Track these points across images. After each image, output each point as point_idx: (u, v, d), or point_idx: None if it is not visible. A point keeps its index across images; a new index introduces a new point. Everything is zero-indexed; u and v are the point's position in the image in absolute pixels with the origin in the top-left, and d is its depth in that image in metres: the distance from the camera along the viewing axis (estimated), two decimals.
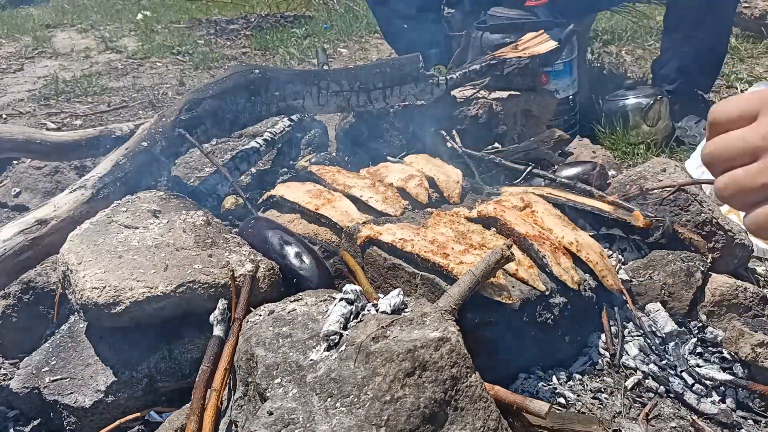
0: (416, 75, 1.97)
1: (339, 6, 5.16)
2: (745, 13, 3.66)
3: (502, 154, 1.99)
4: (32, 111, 3.30)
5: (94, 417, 1.24)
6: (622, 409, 1.31)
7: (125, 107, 3.28)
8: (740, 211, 0.54)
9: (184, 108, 1.73)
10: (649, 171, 1.81)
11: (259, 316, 1.18)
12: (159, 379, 1.28)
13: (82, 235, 1.36)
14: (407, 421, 0.96)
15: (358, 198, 1.69)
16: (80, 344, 1.33)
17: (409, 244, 1.39)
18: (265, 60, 4.14)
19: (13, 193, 2.17)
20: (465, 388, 1.02)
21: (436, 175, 1.84)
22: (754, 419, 1.32)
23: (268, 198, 1.75)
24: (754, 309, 1.48)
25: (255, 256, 1.36)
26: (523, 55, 2.15)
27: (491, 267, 1.23)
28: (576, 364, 1.42)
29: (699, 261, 1.54)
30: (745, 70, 3.30)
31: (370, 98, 1.95)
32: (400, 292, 1.15)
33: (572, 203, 1.68)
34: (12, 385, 1.31)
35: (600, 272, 1.48)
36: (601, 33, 4.01)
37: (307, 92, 1.88)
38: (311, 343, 1.08)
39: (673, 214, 1.68)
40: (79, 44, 4.69)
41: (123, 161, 1.61)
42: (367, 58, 4.05)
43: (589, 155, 2.07)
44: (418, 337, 1.03)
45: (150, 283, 1.23)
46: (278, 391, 1.01)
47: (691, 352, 1.42)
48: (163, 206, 1.48)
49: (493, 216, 1.54)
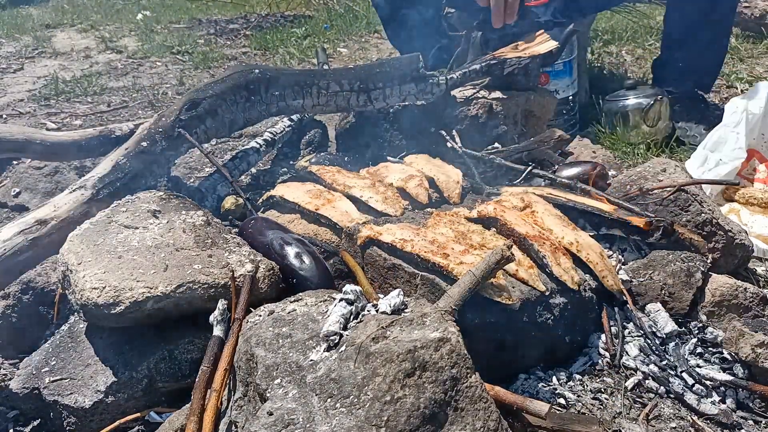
0: (416, 75, 1.97)
1: (339, 6, 5.16)
2: (745, 13, 3.66)
3: (502, 154, 1.99)
4: (32, 111, 3.30)
5: (94, 417, 1.24)
6: (622, 409, 1.31)
7: (125, 107, 3.28)
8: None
9: (184, 108, 1.73)
10: (649, 171, 1.80)
11: (259, 317, 1.18)
12: (159, 380, 1.28)
13: (82, 235, 1.36)
14: (407, 422, 0.96)
15: (358, 198, 1.69)
16: (80, 344, 1.33)
17: (409, 244, 1.39)
18: (265, 60, 4.14)
19: (13, 193, 2.17)
20: (465, 389, 1.02)
21: (436, 175, 1.84)
22: (754, 419, 1.32)
23: (268, 198, 1.75)
24: (754, 309, 1.48)
25: (255, 257, 1.36)
26: (523, 55, 2.15)
27: (491, 268, 1.23)
28: (576, 364, 1.42)
29: (699, 261, 1.54)
30: (745, 70, 3.30)
31: (370, 98, 1.95)
32: (400, 293, 1.15)
33: (572, 203, 1.68)
34: (12, 385, 1.31)
35: (600, 272, 1.48)
36: (601, 33, 4.01)
37: (307, 92, 1.88)
38: (311, 343, 1.08)
39: (673, 214, 1.68)
40: (79, 44, 4.69)
41: (123, 161, 1.61)
42: (367, 57, 4.05)
43: (589, 155, 2.07)
44: (418, 338, 1.03)
45: (150, 283, 1.23)
46: (278, 391, 1.01)
47: (691, 352, 1.42)
48: (163, 206, 1.48)
49: (493, 216, 1.54)
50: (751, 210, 1.99)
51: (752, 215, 1.98)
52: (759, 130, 2.18)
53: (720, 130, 2.11)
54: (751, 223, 1.95)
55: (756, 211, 1.99)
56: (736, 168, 2.04)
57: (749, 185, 2.11)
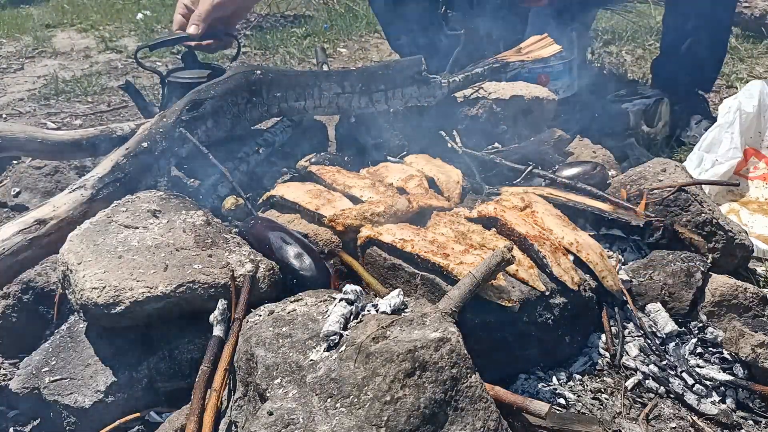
0: (419, 77, 1.97)
1: (339, 6, 5.16)
2: (745, 13, 3.66)
3: (502, 154, 1.99)
4: (32, 111, 3.30)
5: (93, 417, 1.24)
6: (622, 409, 1.31)
7: (125, 107, 3.27)
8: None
9: (185, 108, 1.73)
10: (649, 171, 1.80)
11: (259, 317, 1.18)
12: (159, 379, 1.28)
13: (82, 235, 1.36)
14: (407, 422, 0.96)
15: (358, 198, 1.69)
16: (80, 344, 1.33)
17: (409, 244, 1.39)
18: (265, 59, 4.14)
19: (13, 193, 2.17)
20: (465, 389, 1.02)
21: (436, 175, 1.84)
22: (754, 419, 1.32)
23: (268, 198, 1.75)
24: (754, 309, 1.48)
25: (255, 256, 1.36)
26: (526, 59, 2.14)
27: (492, 269, 1.23)
28: (576, 364, 1.42)
29: (699, 261, 1.54)
30: (745, 70, 3.30)
31: (372, 100, 1.95)
32: (400, 293, 1.15)
33: (572, 203, 1.68)
34: (12, 385, 1.31)
35: (600, 273, 1.48)
36: (601, 33, 4.01)
37: (308, 93, 1.88)
38: (311, 343, 1.08)
39: (673, 214, 1.68)
40: (79, 44, 4.69)
41: (123, 161, 1.61)
42: (367, 57, 4.05)
43: (589, 155, 2.07)
44: (418, 338, 1.03)
45: (150, 283, 1.23)
46: (278, 391, 1.01)
47: (691, 352, 1.42)
48: (163, 206, 1.48)
49: (493, 216, 1.54)
50: (751, 210, 2.00)
51: (752, 215, 1.98)
52: (755, 129, 2.18)
53: (714, 131, 2.12)
54: (751, 223, 1.95)
55: (756, 211, 1.99)
56: (732, 167, 2.04)
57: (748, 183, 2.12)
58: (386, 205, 1.57)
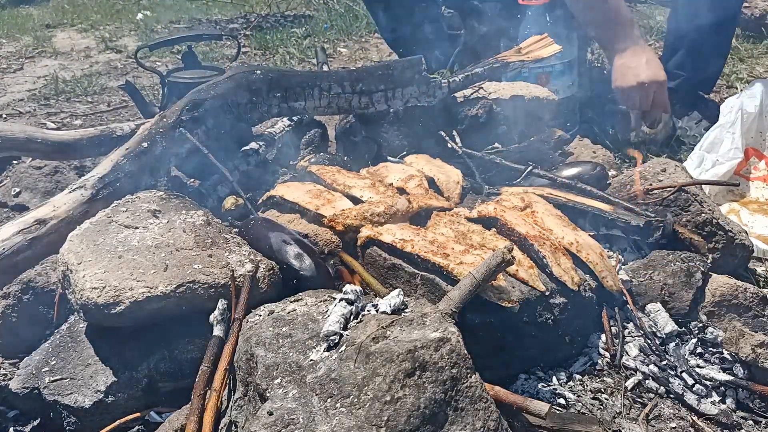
0: (419, 78, 1.97)
1: (339, 6, 5.16)
2: (745, 13, 3.65)
3: (502, 154, 1.99)
4: (32, 111, 3.29)
5: (94, 417, 1.24)
6: (622, 409, 1.31)
7: (125, 107, 3.27)
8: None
9: (186, 108, 1.73)
10: (649, 171, 1.80)
11: (258, 317, 1.18)
12: (159, 379, 1.28)
13: (82, 235, 1.36)
14: (407, 422, 0.96)
15: (358, 198, 1.69)
16: (80, 344, 1.33)
17: (409, 244, 1.39)
18: (265, 59, 4.14)
19: (13, 193, 2.17)
20: (465, 389, 1.02)
21: (436, 175, 1.84)
22: (754, 419, 1.32)
23: (268, 198, 1.75)
24: (754, 309, 1.48)
25: (255, 256, 1.36)
26: (526, 59, 2.14)
27: (492, 270, 1.23)
28: (576, 364, 1.42)
29: (699, 261, 1.54)
30: (745, 70, 3.30)
31: (372, 100, 1.95)
32: (400, 293, 1.15)
33: (572, 203, 1.68)
34: (12, 385, 1.31)
35: (600, 273, 1.48)
36: None
37: (309, 94, 1.88)
38: (311, 343, 1.08)
39: (673, 214, 1.68)
40: (79, 44, 4.68)
41: (123, 161, 1.61)
42: (367, 57, 4.05)
43: (589, 155, 2.07)
44: (418, 338, 1.03)
45: (150, 283, 1.23)
46: (278, 391, 1.01)
47: (691, 352, 1.42)
48: (163, 206, 1.48)
49: (493, 216, 1.54)
50: (751, 210, 2.00)
51: (752, 215, 1.98)
52: (756, 129, 2.18)
53: (716, 131, 2.11)
54: (751, 223, 1.95)
55: (756, 211, 1.99)
56: (733, 168, 2.04)
57: (749, 183, 2.12)
58: (386, 205, 1.57)
